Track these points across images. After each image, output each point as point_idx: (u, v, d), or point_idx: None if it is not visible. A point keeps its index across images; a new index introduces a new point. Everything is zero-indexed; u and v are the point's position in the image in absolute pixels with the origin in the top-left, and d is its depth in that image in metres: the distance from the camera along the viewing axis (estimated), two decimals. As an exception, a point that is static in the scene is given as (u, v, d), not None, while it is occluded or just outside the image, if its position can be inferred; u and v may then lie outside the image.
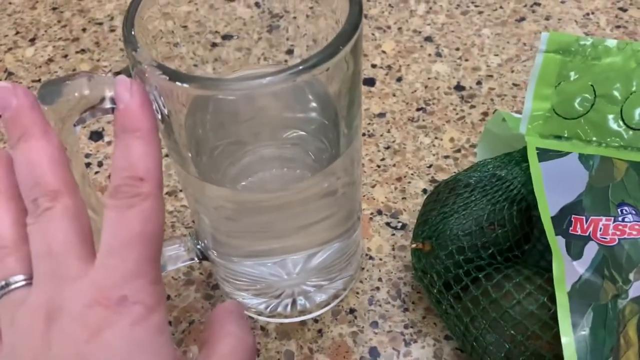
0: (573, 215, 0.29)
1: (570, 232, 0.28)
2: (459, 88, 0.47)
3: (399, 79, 0.48)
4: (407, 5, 0.54)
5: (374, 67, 0.49)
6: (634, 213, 0.28)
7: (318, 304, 0.34)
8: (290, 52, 0.31)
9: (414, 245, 0.31)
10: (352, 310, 0.35)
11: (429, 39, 0.51)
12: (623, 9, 0.52)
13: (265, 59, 0.31)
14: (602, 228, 0.28)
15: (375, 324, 0.34)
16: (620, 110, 0.31)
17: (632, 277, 0.27)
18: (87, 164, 0.43)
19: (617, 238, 0.28)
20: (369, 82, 0.47)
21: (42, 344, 0.19)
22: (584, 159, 0.31)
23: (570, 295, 0.26)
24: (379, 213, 0.39)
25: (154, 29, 0.25)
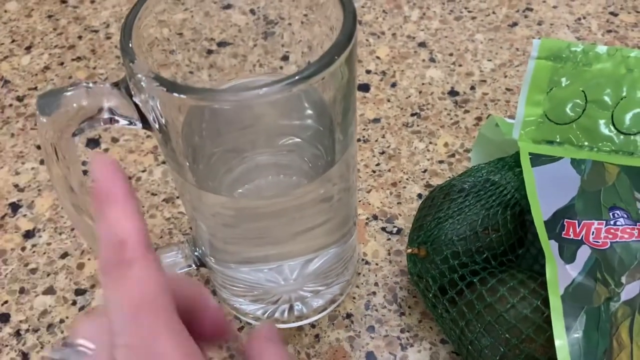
0: (566, 220, 0.29)
1: (563, 236, 0.29)
2: (453, 93, 0.47)
3: (394, 85, 0.48)
4: (400, 11, 0.54)
5: (369, 72, 0.49)
6: (626, 217, 0.29)
7: (315, 309, 0.34)
8: (286, 58, 0.31)
9: (410, 251, 0.32)
10: (348, 315, 0.35)
11: (423, 45, 0.51)
12: (614, 14, 0.53)
13: (261, 66, 0.31)
14: (594, 232, 0.29)
15: (372, 329, 0.34)
16: (611, 116, 0.31)
17: (624, 280, 0.27)
18: (84, 172, 0.43)
19: (609, 241, 0.28)
20: (364, 87, 0.48)
21: None
22: (576, 164, 0.31)
23: (564, 299, 0.27)
24: (375, 218, 0.39)
25: (150, 37, 0.26)
